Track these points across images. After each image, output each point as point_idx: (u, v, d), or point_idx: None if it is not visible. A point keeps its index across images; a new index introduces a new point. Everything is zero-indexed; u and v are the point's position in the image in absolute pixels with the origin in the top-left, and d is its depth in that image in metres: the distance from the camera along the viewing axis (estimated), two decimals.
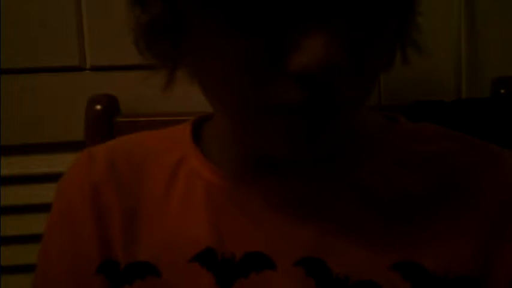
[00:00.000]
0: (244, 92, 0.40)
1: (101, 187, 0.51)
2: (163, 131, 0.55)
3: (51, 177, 0.83)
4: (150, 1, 0.43)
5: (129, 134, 0.57)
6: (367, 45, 0.39)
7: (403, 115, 0.52)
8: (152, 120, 0.79)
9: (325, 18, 0.36)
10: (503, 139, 0.49)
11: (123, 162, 0.52)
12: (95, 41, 0.89)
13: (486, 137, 0.51)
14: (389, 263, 0.44)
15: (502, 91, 0.88)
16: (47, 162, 0.52)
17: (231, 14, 0.37)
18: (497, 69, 1.03)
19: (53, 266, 0.52)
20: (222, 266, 0.45)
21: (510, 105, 0.83)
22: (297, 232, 0.45)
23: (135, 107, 0.87)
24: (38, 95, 0.95)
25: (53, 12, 0.88)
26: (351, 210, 0.46)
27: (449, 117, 0.52)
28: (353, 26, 0.38)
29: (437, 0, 1.07)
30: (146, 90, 0.82)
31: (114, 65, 0.88)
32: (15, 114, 0.94)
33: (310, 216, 0.46)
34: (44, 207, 0.69)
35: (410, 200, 0.46)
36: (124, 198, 0.50)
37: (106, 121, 0.81)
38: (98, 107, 0.81)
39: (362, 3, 0.38)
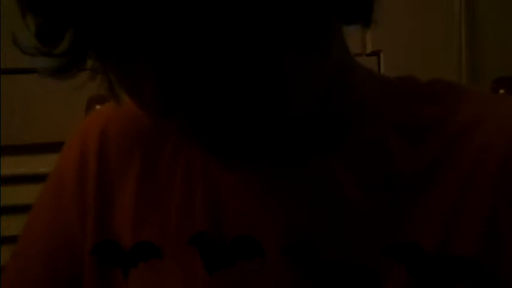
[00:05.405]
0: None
1: (88, 158, 0.49)
2: None
3: None
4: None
5: None
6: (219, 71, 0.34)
7: None
8: None
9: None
10: None
11: (112, 143, 0.49)
12: None
13: None
14: (382, 246, 0.40)
15: (502, 91, 0.88)
16: (47, 162, 0.52)
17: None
18: (497, 69, 1.03)
19: (33, 241, 0.51)
20: (211, 251, 0.44)
21: None
22: (288, 216, 0.43)
23: None
24: (38, 95, 0.94)
25: None
26: (342, 191, 0.42)
27: None
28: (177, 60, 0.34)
29: (438, 0, 1.07)
30: None
31: None
32: (15, 114, 0.94)
33: (300, 200, 0.43)
34: None
35: (406, 175, 0.41)
36: (105, 173, 0.48)
37: None
38: (98, 107, 0.80)
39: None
